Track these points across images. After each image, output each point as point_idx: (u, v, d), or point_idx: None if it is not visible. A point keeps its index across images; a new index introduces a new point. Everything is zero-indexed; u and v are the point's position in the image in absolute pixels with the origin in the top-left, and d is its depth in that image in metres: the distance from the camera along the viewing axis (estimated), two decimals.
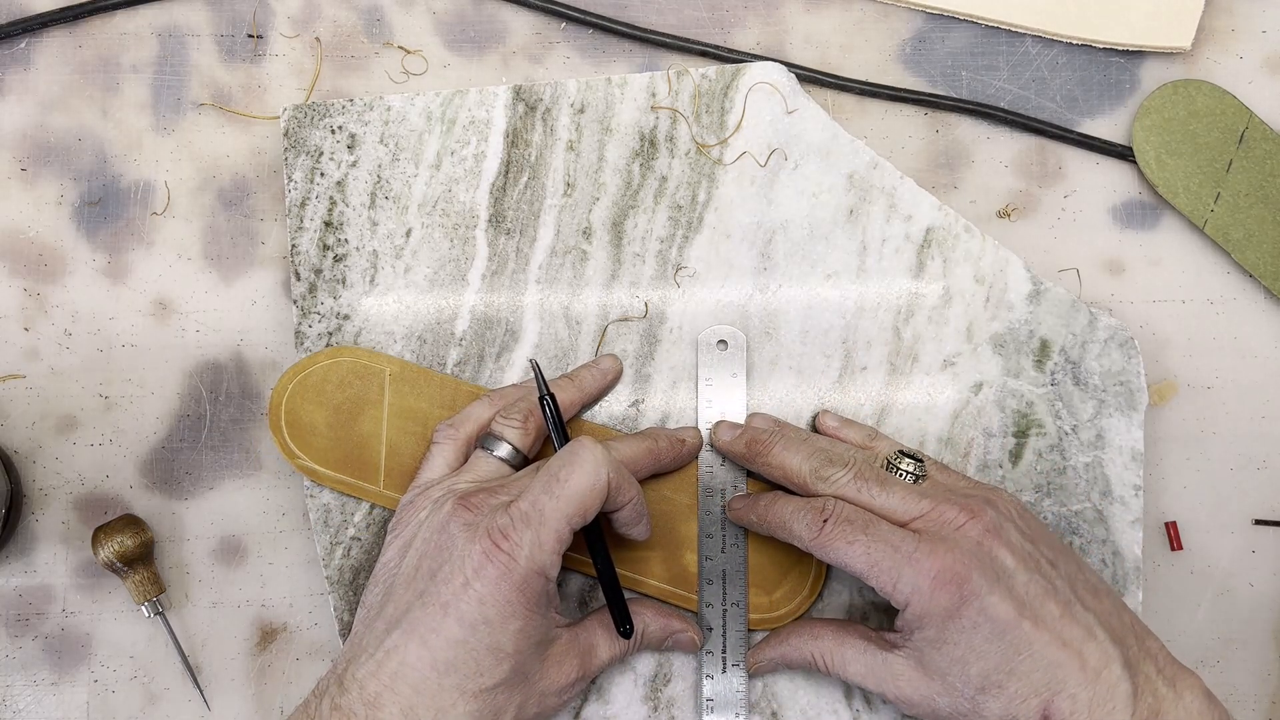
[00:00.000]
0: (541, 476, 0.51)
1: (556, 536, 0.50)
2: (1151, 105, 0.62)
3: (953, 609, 0.50)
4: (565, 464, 0.51)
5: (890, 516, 0.52)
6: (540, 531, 0.50)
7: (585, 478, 0.51)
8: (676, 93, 0.61)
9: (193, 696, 0.59)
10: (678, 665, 0.59)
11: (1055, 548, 0.53)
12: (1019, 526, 0.52)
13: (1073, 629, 0.49)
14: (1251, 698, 0.61)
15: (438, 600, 0.49)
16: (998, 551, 0.51)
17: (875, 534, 0.51)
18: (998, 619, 0.49)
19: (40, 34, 0.62)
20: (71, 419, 0.60)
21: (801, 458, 0.55)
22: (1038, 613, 0.49)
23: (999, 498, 0.53)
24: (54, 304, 0.61)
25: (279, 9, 0.62)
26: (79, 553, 0.59)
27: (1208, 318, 0.62)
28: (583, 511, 0.51)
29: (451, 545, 0.50)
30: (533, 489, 0.51)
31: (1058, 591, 0.50)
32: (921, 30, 0.64)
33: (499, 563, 0.49)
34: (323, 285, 0.60)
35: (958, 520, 0.51)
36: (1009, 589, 0.50)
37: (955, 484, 0.55)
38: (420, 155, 0.60)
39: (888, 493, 0.53)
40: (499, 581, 0.49)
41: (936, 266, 0.60)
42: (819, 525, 0.52)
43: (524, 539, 0.49)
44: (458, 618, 0.49)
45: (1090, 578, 0.52)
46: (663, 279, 0.60)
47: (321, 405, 0.58)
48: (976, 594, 0.49)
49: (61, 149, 0.61)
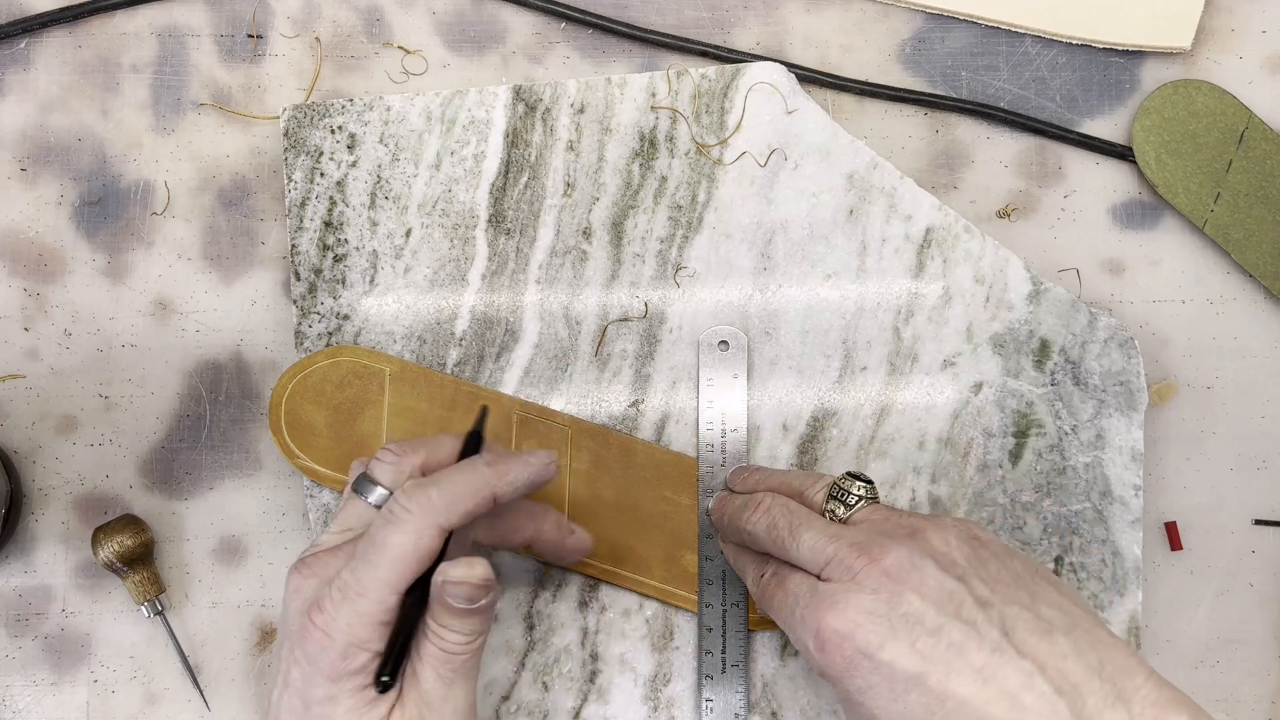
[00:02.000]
0: (363, 540, 0.46)
1: (379, 607, 0.45)
2: (1151, 105, 0.62)
3: (843, 669, 0.46)
4: (384, 523, 0.46)
5: (806, 568, 0.49)
6: (359, 604, 0.45)
7: (406, 538, 0.46)
8: (676, 93, 0.61)
9: (193, 696, 0.59)
10: (678, 665, 0.59)
11: (1002, 581, 0.47)
12: (945, 564, 0.47)
13: (1003, 678, 0.44)
14: (1251, 698, 0.61)
15: (281, 677, 0.47)
16: (903, 596, 0.45)
17: (787, 588, 0.48)
18: (896, 675, 0.45)
19: (40, 34, 0.62)
20: (71, 419, 0.60)
21: (730, 511, 0.53)
22: (951, 664, 0.44)
23: (925, 534, 0.48)
24: (54, 304, 0.61)
25: (279, 9, 0.62)
26: (79, 553, 0.59)
27: (1208, 318, 0.62)
28: (406, 576, 0.46)
29: (287, 616, 0.48)
30: (355, 556, 0.46)
31: (982, 637, 0.45)
32: (921, 30, 0.64)
33: (314, 639, 0.45)
34: (323, 285, 0.60)
35: (856, 565, 0.47)
36: (911, 641, 0.45)
37: (889, 519, 0.49)
38: (420, 155, 0.60)
39: (797, 542, 0.49)
40: (317, 658, 0.45)
41: (936, 266, 0.60)
42: (758, 581, 0.51)
43: (340, 613, 0.45)
44: (297, 694, 0.46)
45: (1046, 613, 0.46)
46: (663, 279, 0.60)
47: (321, 405, 0.58)
48: (866, 652, 0.45)
49: (61, 149, 0.61)
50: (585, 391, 0.60)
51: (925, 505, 0.59)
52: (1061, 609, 0.47)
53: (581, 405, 0.60)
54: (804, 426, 0.60)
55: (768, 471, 0.56)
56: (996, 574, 0.47)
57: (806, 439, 0.60)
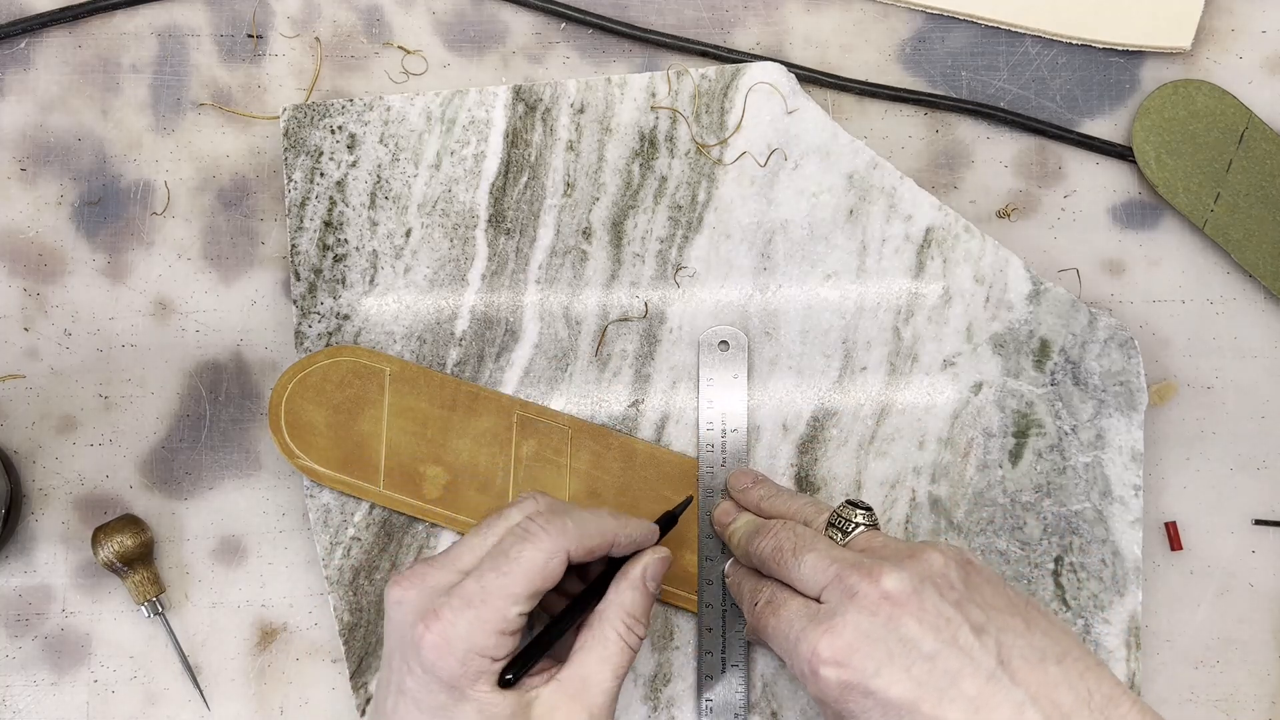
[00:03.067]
0: (491, 554, 0.48)
1: (500, 616, 0.46)
2: (1151, 105, 0.62)
3: (838, 694, 0.46)
4: (520, 539, 0.48)
5: (804, 590, 0.49)
6: (481, 610, 0.46)
7: (540, 555, 0.47)
8: (676, 93, 0.61)
9: (193, 696, 0.59)
10: (678, 665, 0.59)
11: (996, 609, 0.47)
12: (944, 589, 0.47)
13: (995, 708, 0.44)
14: (1251, 698, 0.61)
15: (395, 687, 0.47)
16: (900, 620, 0.46)
17: (782, 615, 0.48)
18: (890, 701, 0.45)
19: (40, 34, 0.62)
20: (71, 419, 0.60)
21: (741, 532, 0.54)
22: (945, 691, 0.45)
23: (925, 558, 0.48)
24: (54, 304, 0.61)
25: (279, 9, 0.62)
26: (79, 553, 0.59)
27: (1208, 318, 0.62)
28: (532, 591, 0.47)
29: (394, 627, 0.48)
30: (481, 565, 0.48)
31: (977, 665, 0.45)
32: (921, 30, 0.64)
33: (432, 647, 0.46)
34: (322, 285, 0.60)
35: (856, 586, 0.47)
36: (906, 666, 0.45)
37: (887, 545, 0.50)
38: (420, 155, 0.60)
39: (799, 562, 0.49)
40: (435, 666, 0.46)
41: (936, 266, 0.60)
42: (753, 609, 0.51)
43: (460, 620, 0.46)
44: (415, 704, 0.47)
45: (1038, 642, 0.46)
46: (662, 279, 0.60)
47: (321, 405, 0.58)
48: (860, 677, 0.45)
49: (61, 149, 0.61)
50: (585, 391, 0.60)
51: (925, 505, 0.59)
52: (1052, 637, 0.47)
53: (581, 405, 0.60)
54: (804, 426, 0.60)
55: (770, 488, 0.57)
56: (991, 599, 0.48)
57: (806, 439, 0.60)
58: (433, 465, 0.58)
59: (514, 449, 0.59)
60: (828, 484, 0.59)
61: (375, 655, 0.58)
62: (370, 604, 0.58)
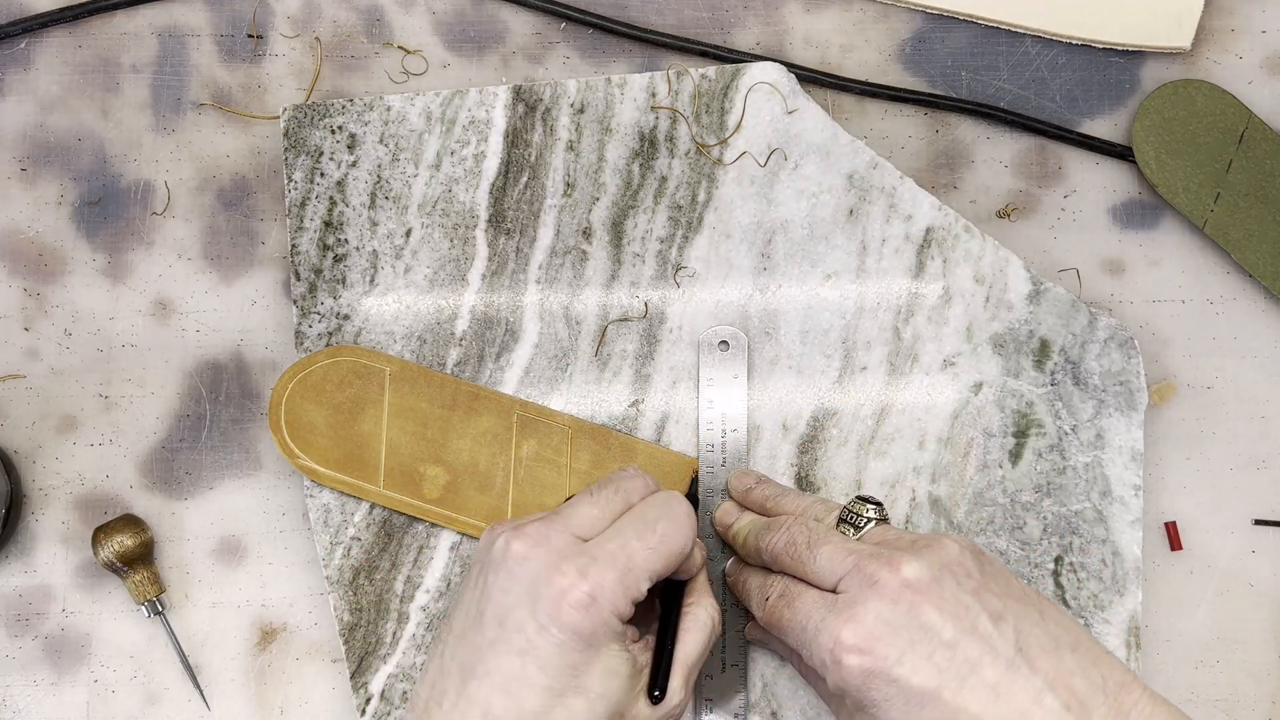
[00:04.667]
0: (633, 522, 0.48)
1: (638, 585, 0.47)
2: (1151, 105, 0.62)
3: (860, 682, 0.46)
4: (662, 516, 0.49)
5: (819, 582, 0.49)
6: (626, 576, 0.47)
7: (681, 536, 0.48)
8: (676, 93, 0.61)
9: (193, 696, 0.59)
10: None
11: (1011, 597, 0.48)
12: (961, 577, 0.48)
13: (1014, 695, 0.45)
14: (1251, 698, 0.61)
15: (513, 647, 0.46)
16: (921, 608, 0.46)
17: (798, 607, 0.49)
18: (912, 689, 0.45)
19: (40, 34, 0.62)
20: (71, 419, 0.60)
21: (747, 529, 0.54)
22: (965, 679, 0.45)
23: (941, 547, 0.48)
24: (54, 304, 0.61)
25: (279, 9, 0.62)
26: (79, 553, 0.60)
27: (1208, 318, 0.62)
28: (666, 569, 0.48)
29: (517, 583, 0.47)
30: (623, 532, 0.48)
31: (997, 652, 0.46)
32: (921, 30, 0.64)
33: (577, 603, 0.46)
34: (323, 285, 0.60)
35: (876, 574, 0.47)
36: (928, 654, 0.45)
37: (900, 537, 0.50)
38: (420, 155, 0.60)
39: (815, 555, 0.49)
40: (578, 624, 0.46)
41: (936, 266, 0.60)
42: (763, 604, 0.51)
43: (607, 579, 0.46)
44: (539, 664, 0.46)
45: (1053, 630, 0.47)
46: (663, 279, 0.60)
47: (321, 405, 0.58)
48: (884, 664, 0.46)
49: (61, 149, 0.61)
50: (585, 391, 0.60)
51: (925, 505, 0.59)
52: (1064, 626, 0.48)
53: (581, 405, 0.60)
54: (804, 426, 0.60)
55: (775, 487, 0.57)
56: (1006, 588, 0.48)
57: (806, 439, 0.60)
58: (433, 465, 0.58)
59: (514, 449, 0.59)
60: (828, 484, 0.59)
61: (375, 655, 0.58)
62: (370, 603, 0.58)
